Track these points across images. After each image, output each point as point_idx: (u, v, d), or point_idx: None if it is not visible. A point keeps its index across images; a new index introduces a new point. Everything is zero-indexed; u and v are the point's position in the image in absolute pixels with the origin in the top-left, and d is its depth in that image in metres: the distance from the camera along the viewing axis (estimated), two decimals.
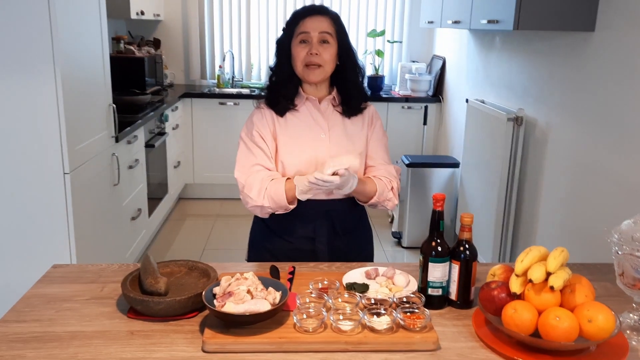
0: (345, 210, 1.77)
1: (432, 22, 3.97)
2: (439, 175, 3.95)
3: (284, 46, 1.73)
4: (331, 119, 1.77)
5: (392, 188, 1.78)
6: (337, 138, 1.75)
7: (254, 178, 1.68)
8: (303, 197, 1.65)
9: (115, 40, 4.49)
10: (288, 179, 1.68)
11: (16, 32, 2.27)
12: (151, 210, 3.86)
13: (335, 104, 1.79)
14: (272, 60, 1.80)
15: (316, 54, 1.67)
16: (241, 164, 1.73)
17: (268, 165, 1.71)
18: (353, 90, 1.77)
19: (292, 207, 1.68)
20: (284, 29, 1.74)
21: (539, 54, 2.94)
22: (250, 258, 1.88)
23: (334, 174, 1.55)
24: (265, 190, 1.66)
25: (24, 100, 2.33)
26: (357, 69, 1.77)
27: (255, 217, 1.88)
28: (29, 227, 2.45)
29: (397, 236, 4.15)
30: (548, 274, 1.26)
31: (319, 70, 1.69)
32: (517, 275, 1.29)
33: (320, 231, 1.76)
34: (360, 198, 1.76)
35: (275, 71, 1.77)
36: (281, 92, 1.74)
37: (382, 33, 5.09)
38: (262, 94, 1.81)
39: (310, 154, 1.72)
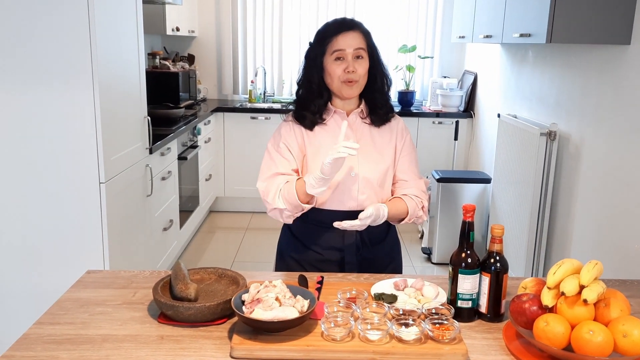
0: None
1: (463, 37, 3.96)
2: (470, 191, 3.91)
3: (315, 62, 1.71)
4: (359, 132, 1.77)
5: (422, 207, 1.77)
6: (365, 151, 1.74)
7: (271, 183, 1.70)
8: (314, 192, 1.61)
9: (151, 55, 4.60)
10: (299, 178, 1.68)
11: (58, 47, 2.35)
12: (182, 221, 3.92)
13: (363, 116, 1.78)
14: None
15: (353, 71, 1.67)
16: (263, 174, 1.74)
17: (290, 175, 1.72)
18: (380, 99, 1.77)
19: (307, 206, 1.66)
20: (312, 44, 1.74)
21: (572, 68, 2.90)
22: (278, 268, 1.88)
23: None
24: (279, 192, 1.67)
25: (63, 111, 2.41)
26: (385, 79, 1.77)
27: (284, 228, 1.89)
28: (65, 234, 2.52)
29: (427, 252, 4.11)
30: (581, 287, 1.24)
31: (356, 86, 1.70)
32: (549, 288, 1.27)
33: (349, 242, 1.75)
34: (392, 220, 1.76)
35: (304, 86, 1.76)
36: (310, 107, 1.74)
37: (414, 49, 5.10)
38: (290, 107, 1.81)
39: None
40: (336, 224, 1.63)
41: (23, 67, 2.36)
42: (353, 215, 1.67)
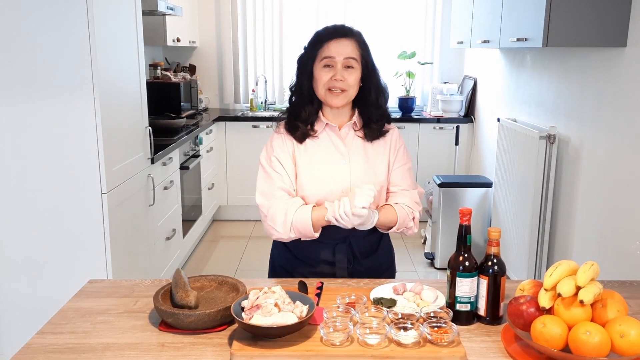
0: (365, 235, 1.73)
1: (462, 42, 3.98)
2: (472, 195, 3.91)
3: (306, 67, 1.68)
4: (352, 146, 1.72)
5: (413, 218, 1.74)
6: (357, 165, 1.70)
7: (276, 209, 1.65)
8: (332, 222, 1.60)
9: (152, 66, 4.64)
10: (314, 206, 1.65)
11: (58, 58, 2.37)
12: (185, 230, 3.93)
13: (357, 128, 1.74)
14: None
15: (341, 80, 1.62)
16: (262, 189, 1.70)
17: (288, 189, 1.68)
18: (375, 112, 1.72)
19: (317, 235, 1.66)
20: (306, 48, 1.70)
21: (570, 71, 2.91)
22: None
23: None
24: (290, 223, 1.63)
25: (65, 122, 2.43)
26: (380, 91, 1.72)
27: (275, 241, 1.86)
28: (68, 244, 2.53)
29: (430, 257, 4.11)
30: (578, 289, 1.24)
31: (342, 95, 1.64)
32: (545, 290, 1.28)
33: (340, 256, 1.73)
34: (381, 228, 1.73)
35: (295, 91, 1.73)
36: (301, 115, 1.70)
37: (413, 55, 5.12)
38: (282, 117, 1.76)
39: (329, 182, 1.68)
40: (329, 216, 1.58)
41: (23, 78, 2.38)
42: (344, 230, 1.65)
